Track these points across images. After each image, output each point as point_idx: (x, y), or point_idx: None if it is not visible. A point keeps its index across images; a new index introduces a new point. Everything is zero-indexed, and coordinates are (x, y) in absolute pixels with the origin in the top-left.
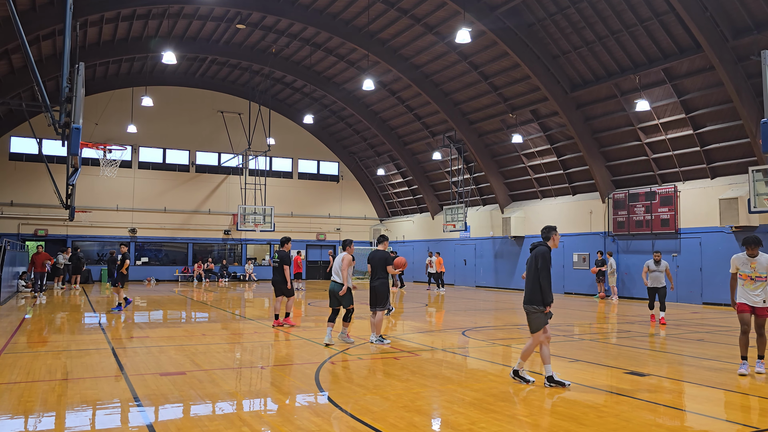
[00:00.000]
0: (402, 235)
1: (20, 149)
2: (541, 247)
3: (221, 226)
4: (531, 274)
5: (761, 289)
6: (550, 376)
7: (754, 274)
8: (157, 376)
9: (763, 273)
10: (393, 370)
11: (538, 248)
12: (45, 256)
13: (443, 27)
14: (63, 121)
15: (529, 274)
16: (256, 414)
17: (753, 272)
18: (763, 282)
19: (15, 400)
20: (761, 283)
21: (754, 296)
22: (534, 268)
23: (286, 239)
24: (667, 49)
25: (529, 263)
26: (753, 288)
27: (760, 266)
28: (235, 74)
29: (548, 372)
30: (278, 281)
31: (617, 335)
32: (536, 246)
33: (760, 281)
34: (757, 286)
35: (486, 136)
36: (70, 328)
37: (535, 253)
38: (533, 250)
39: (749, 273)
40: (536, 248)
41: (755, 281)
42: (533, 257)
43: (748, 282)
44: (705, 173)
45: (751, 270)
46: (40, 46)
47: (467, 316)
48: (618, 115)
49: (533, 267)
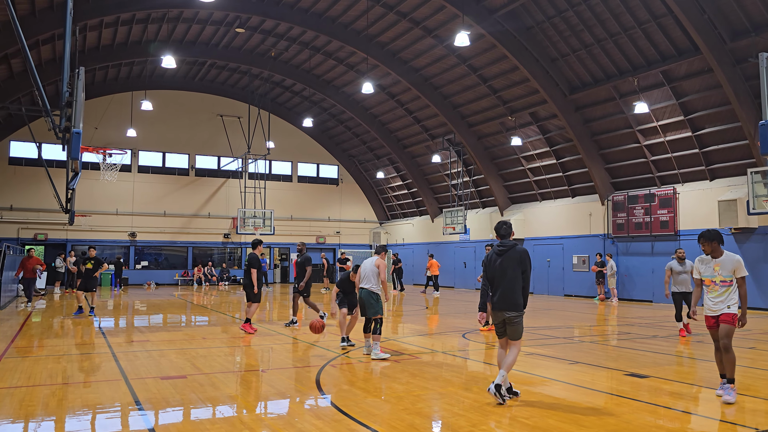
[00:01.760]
0: (402, 238)
1: (20, 153)
2: (518, 246)
3: (221, 229)
4: (508, 276)
5: (727, 294)
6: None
7: (719, 278)
8: (158, 379)
9: (728, 276)
10: (393, 372)
11: (517, 248)
12: (36, 260)
13: (442, 30)
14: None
15: (504, 276)
16: (257, 417)
17: (717, 275)
18: (728, 287)
19: (16, 404)
20: (726, 289)
21: (718, 303)
22: (513, 269)
23: (258, 242)
24: (665, 51)
25: (504, 264)
26: (717, 295)
27: (724, 268)
28: (234, 78)
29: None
30: (246, 285)
31: (617, 337)
32: (509, 246)
33: (725, 286)
34: (722, 293)
35: (485, 139)
36: (71, 333)
37: (518, 253)
38: (507, 251)
39: (712, 277)
40: (513, 249)
41: (719, 286)
42: (515, 258)
43: (712, 288)
44: (704, 175)
45: (714, 273)
46: (39, 50)
47: (467, 318)
48: (617, 118)
49: (511, 268)
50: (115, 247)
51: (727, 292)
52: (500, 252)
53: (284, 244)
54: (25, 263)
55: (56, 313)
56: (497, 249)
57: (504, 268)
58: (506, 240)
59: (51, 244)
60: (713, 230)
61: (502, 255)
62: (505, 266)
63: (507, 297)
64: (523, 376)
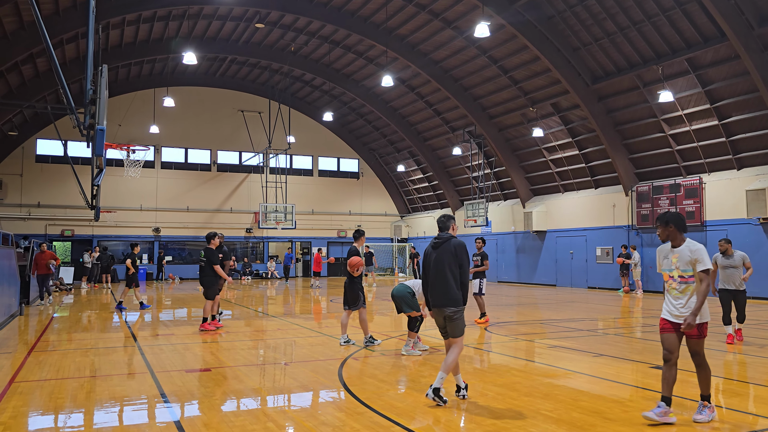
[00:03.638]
0: (423, 231)
1: (46, 151)
2: (454, 239)
3: (243, 224)
4: (444, 270)
5: (688, 295)
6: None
7: (677, 273)
8: (183, 372)
9: (687, 271)
10: (415, 365)
11: (454, 240)
12: (50, 255)
13: (462, 22)
14: (87, 123)
15: (440, 270)
16: (280, 409)
17: (675, 269)
18: (688, 285)
19: (46, 396)
20: (686, 287)
21: (678, 306)
22: (448, 263)
23: (212, 234)
24: (690, 38)
25: (439, 258)
26: (676, 295)
27: (681, 260)
28: (254, 73)
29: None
30: (205, 282)
31: (642, 330)
32: (445, 239)
33: (684, 283)
34: (683, 291)
35: (506, 131)
36: (97, 327)
37: (453, 246)
38: (443, 244)
39: (670, 271)
40: (448, 241)
41: (678, 283)
42: (450, 251)
43: (670, 285)
44: (731, 164)
45: (671, 266)
46: (64, 49)
47: (489, 311)
48: (641, 107)
49: (447, 262)
50: (140, 242)
51: (688, 292)
52: (435, 245)
53: (306, 238)
54: (37, 259)
55: (84, 308)
56: (433, 242)
57: (439, 262)
58: (443, 233)
59: (78, 240)
60: (670, 212)
61: (437, 248)
62: (440, 260)
63: (445, 292)
64: (547, 368)
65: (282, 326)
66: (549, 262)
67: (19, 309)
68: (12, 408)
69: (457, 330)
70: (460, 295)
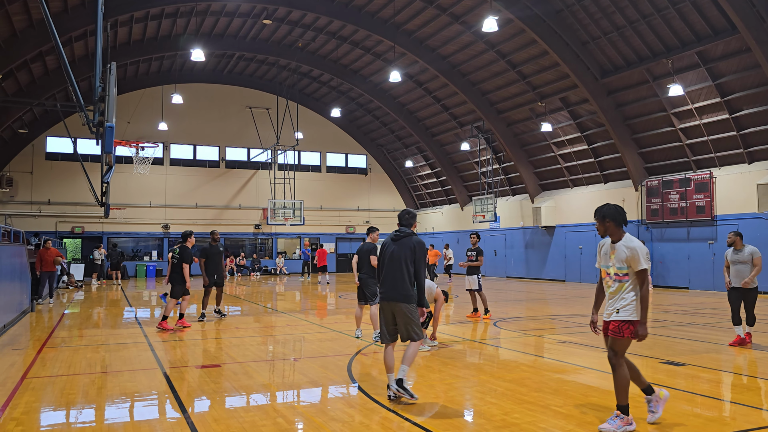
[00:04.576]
0: (431, 227)
1: (56, 149)
2: (415, 237)
3: (252, 220)
4: (399, 265)
5: (620, 293)
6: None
7: (612, 270)
8: (193, 368)
9: (622, 269)
10: (425, 361)
11: (412, 238)
12: (56, 252)
13: (470, 16)
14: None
15: (394, 264)
16: (290, 405)
17: (611, 266)
18: (622, 283)
19: (58, 392)
20: (620, 286)
21: (609, 305)
22: (407, 258)
23: (188, 233)
24: (700, 31)
25: (397, 252)
26: (611, 293)
27: (618, 258)
28: (262, 70)
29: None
30: (175, 279)
31: (652, 325)
32: (405, 234)
33: (618, 281)
34: (615, 290)
35: (515, 126)
36: (109, 323)
37: (413, 243)
38: (402, 239)
39: (606, 267)
40: (409, 237)
41: (613, 281)
42: (407, 246)
43: (607, 282)
44: (742, 158)
45: (608, 263)
46: (72, 47)
47: (498, 306)
48: (650, 101)
49: (405, 257)
50: (150, 239)
51: (620, 291)
52: (395, 239)
53: (314, 234)
54: (43, 255)
55: (94, 304)
56: (393, 235)
57: (396, 256)
58: (404, 228)
59: (88, 237)
60: (608, 205)
61: (397, 242)
62: (397, 254)
63: (395, 286)
64: (556, 364)
65: (291, 322)
66: (558, 257)
67: (30, 306)
68: (24, 403)
69: (413, 333)
70: (412, 292)
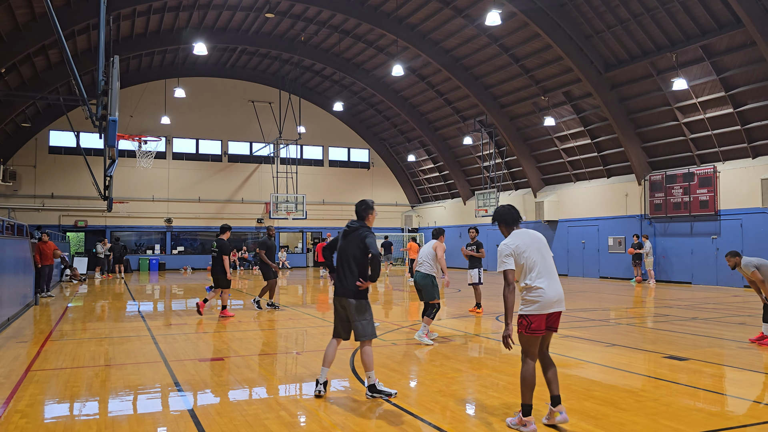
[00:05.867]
0: (434, 221)
1: (59, 143)
2: (364, 230)
3: (254, 214)
4: (350, 259)
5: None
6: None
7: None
8: (196, 362)
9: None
10: (427, 355)
11: (362, 231)
12: (53, 245)
13: (473, 10)
14: (99, 114)
15: (346, 259)
16: (292, 398)
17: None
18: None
19: (62, 385)
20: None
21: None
22: (354, 253)
23: (226, 227)
24: (705, 25)
25: (345, 247)
26: None
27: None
28: (265, 63)
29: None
30: (217, 272)
31: (655, 319)
32: (356, 228)
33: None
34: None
35: (518, 120)
36: (112, 316)
37: (362, 236)
38: (353, 232)
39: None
40: (358, 230)
41: None
42: (358, 240)
43: None
44: (746, 153)
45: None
46: (75, 41)
47: (500, 301)
48: (654, 95)
49: (353, 252)
50: (153, 233)
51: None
52: (346, 233)
53: (317, 228)
54: (42, 248)
55: (97, 298)
56: (345, 229)
57: (344, 251)
58: (355, 222)
59: (91, 231)
60: (499, 207)
61: (346, 237)
62: (345, 249)
63: (346, 282)
64: (559, 358)
65: (293, 316)
66: (561, 251)
67: (34, 299)
68: (29, 396)
69: (365, 330)
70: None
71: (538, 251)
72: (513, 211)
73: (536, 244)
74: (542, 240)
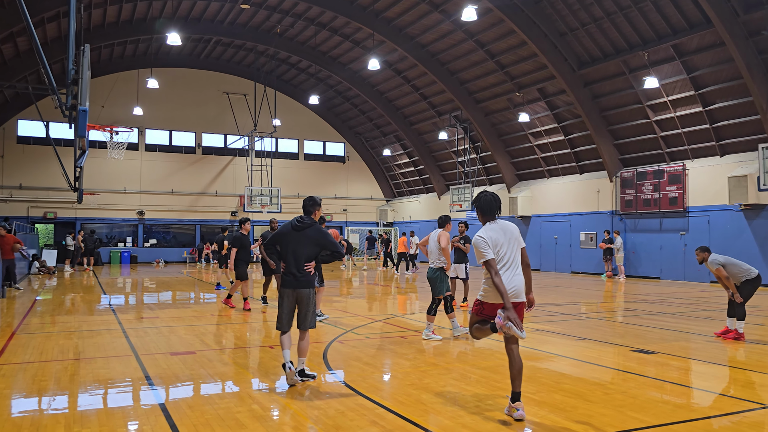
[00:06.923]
0: (408, 216)
1: (28, 132)
2: (317, 225)
3: (228, 207)
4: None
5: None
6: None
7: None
8: (168, 355)
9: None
10: (400, 349)
11: (316, 226)
12: (13, 238)
13: (449, 5)
14: (70, 104)
15: (298, 254)
16: (265, 392)
17: None
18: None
19: (29, 379)
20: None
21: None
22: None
23: (245, 219)
24: (676, 24)
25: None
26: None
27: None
28: (240, 55)
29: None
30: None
31: (624, 314)
32: (309, 224)
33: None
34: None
35: (493, 115)
36: (82, 309)
37: (313, 233)
38: (306, 228)
39: None
40: (311, 227)
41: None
42: (312, 237)
43: None
44: (714, 151)
45: None
46: (45, 28)
47: (473, 295)
48: (626, 93)
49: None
50: (124, 225)
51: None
52: (298, 227)
53: None
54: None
55: (67, 290)
56: (295, 224)
57: (301, 246)
58: (306, 217)
59: (60, 223)
60: (480, 195)
61: (300, 231)
62: (303, 243)
63: (299, 274)
64: (530, 352)
65: (267, 309)
66: (533, 246)
67: (1, 292)
68: None
69: (308, 321)
70: (313, 278)
71: (509, 245)
72: (493, 202)
73: (510, 239)
74: (515, 232)
